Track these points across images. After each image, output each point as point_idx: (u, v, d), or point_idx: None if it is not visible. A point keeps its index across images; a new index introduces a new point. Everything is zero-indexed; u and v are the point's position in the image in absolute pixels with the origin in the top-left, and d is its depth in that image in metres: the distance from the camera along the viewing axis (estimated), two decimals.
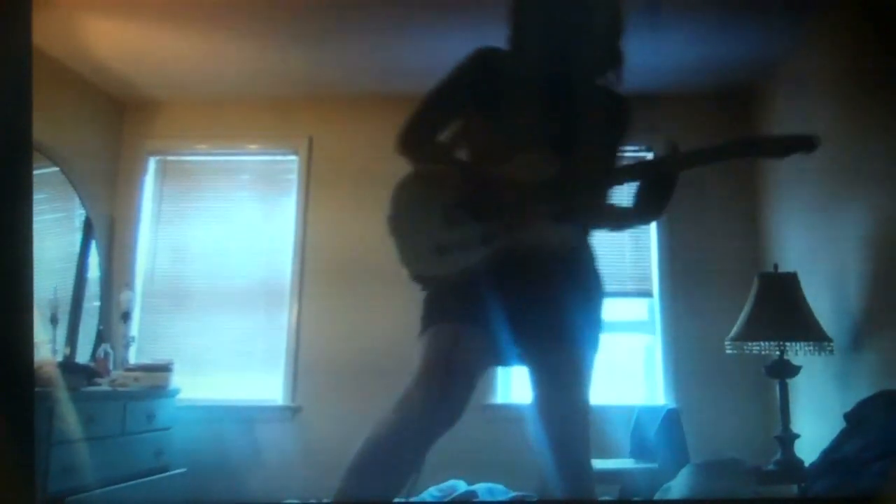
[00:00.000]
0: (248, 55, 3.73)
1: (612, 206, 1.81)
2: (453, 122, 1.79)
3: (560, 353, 1.66)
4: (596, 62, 1.75)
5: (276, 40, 3.62)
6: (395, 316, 2.96)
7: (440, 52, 1.73)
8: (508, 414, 3.67)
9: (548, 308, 1.65)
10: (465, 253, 1.64)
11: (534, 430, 1.67)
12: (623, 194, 1.81)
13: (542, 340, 1.66)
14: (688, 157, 1.67)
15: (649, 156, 4.09)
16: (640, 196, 1.73)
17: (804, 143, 1.62)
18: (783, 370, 2.94)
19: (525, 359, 1.71)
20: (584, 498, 1.66)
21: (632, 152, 4.11)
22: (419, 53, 3.53)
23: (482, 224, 1.64)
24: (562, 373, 1.67)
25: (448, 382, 1.54)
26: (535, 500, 3.14)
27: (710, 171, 3.87)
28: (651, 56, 3.50)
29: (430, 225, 1.68)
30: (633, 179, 1.73)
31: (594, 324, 1.73)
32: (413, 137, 1.76)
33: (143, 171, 4.25)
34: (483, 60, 1.75)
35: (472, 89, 1.74)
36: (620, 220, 1.88)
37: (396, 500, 1.58)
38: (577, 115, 1.72)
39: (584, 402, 1.67)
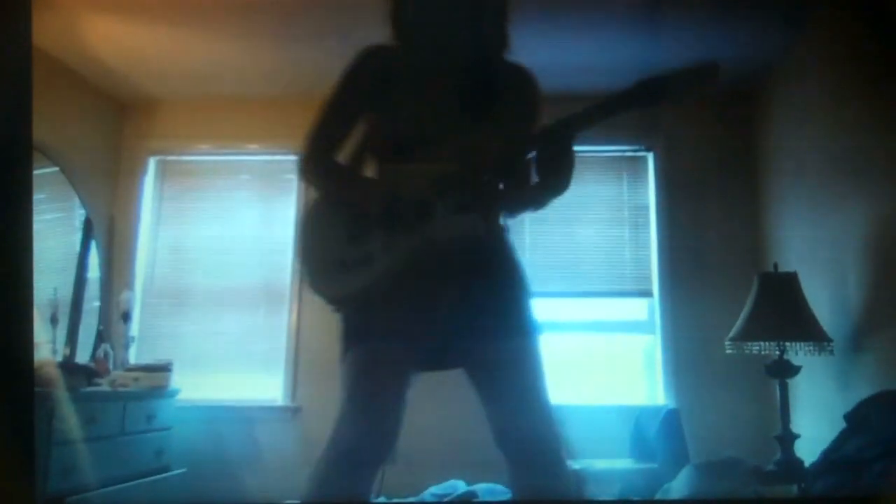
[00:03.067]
0: (249, 54, 3.73)
1: (522, 186, 1.67)
2: (353, 129, 1.72)
3: (494, 348, 1.59)
4: (484, 42, 1.70)
5: (276, 39, 3.61)
6: None
7: None
8: None
9: (468, 304, 1.58)
10: (370, 265, 1.57)
11: (497, 435, 1.60)
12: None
13: (470, 339, 1.59)
14: (578, 117, 1.55)
15: (649, 156, 4.10)
16: (540, 169, 1.61)
17: (706, 72, 1.52)
18: (783, 370, 2.94)
19: (459, 361, 1.63)
20: (573, 495, 1.65)
21: (630, 151, 4.13)
22: None
23: (384, 232, 1.58)
24: (504, 368, 1.60)
25: (374, 414, 1.54)
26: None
27: (709, 169, 3.96)
28: (650, 55, 3.50)
29: (333, 243, 1.63)
30: (531, 151, 1.61)
31: (522, 312, 1.64)
32: (314, 160, 1.70)
33: (143, 171, 4.25)
34: (371, 59, 1.72)
35: (365, 91, 1.69)
36: (531, 200, 1.70)
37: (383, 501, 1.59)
38: (475, 101, 1.67)
39: (540, 391, 1.59)
